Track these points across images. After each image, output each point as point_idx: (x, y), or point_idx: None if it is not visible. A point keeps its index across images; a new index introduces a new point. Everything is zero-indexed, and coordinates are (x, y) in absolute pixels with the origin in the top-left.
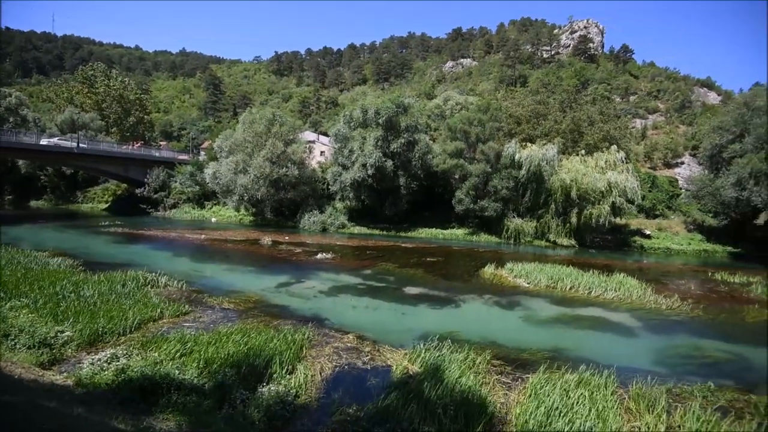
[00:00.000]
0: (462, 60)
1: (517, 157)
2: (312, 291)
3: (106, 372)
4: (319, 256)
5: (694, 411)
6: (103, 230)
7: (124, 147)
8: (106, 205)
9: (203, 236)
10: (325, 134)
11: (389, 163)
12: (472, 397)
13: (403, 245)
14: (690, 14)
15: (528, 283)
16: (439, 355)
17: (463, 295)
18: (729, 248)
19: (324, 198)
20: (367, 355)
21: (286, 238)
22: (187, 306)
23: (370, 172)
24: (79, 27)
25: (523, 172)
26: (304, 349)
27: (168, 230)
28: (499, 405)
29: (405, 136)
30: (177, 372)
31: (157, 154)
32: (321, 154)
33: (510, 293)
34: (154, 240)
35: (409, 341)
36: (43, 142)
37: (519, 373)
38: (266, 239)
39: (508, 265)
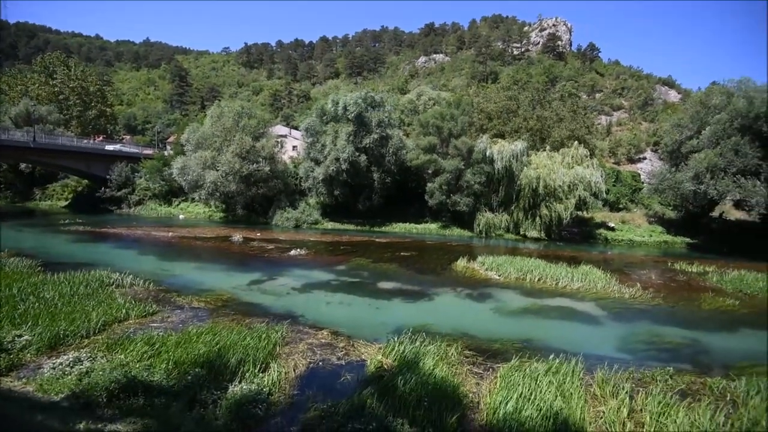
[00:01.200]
0: (435, 55)
1: (488, 152)
2: (285, 288)
3: (69, 376)
4: (292, 252)
5: (654, 395)
6: (64, 229)
7: (85, 141)
8: (66, 203)
9: (171, 234)
10: (297, 128)
11: (363, 157)
12: (445, 389)
13: (377, 240)
14: (653, 15)
15: (499, 276)
16: (412, 348)
17: (436, 289)
18: (687, 239)
19: (296, 193)
20: (342, 351)
21: (258, 234)
22: (154, 306)
23: (344, 166)
24: (34, 14)
25: (497, 166)
26: (277, 346)
27: (133, 228)
28: (471, 395)
29: (377, 131)
30: (145, 374)
31: (120, 149)
32: (293, 149)
33: (481, 285)
34: (118, 238)
35: (384, 335)
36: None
37: (490, 363)
38: (237, 236)
39: (480, 258)
